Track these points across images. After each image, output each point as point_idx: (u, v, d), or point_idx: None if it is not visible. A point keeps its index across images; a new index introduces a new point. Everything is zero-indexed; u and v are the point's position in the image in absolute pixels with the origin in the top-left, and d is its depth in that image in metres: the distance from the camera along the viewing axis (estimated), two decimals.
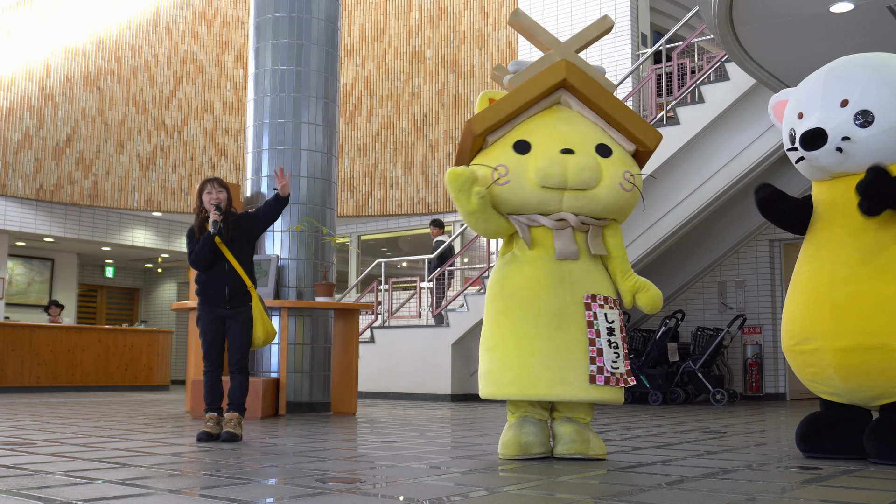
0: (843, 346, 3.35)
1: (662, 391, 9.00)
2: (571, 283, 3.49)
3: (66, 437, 4.55)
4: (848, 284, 3.38)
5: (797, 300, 3.57)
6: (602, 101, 3.61)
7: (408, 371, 10.02)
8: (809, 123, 3.49)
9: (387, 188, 13.64)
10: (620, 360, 3.45)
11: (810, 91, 3.63)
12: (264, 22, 7.44)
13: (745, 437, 4.74)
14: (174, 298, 18.52)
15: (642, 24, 11.57)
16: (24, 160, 13.18)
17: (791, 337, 3.58)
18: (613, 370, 3.41)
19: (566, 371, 3.38)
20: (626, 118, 3.60)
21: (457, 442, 4.39)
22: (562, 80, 3.60)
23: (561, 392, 3.38)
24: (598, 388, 3.39)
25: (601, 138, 3.58)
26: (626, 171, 3.52)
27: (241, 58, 14.37)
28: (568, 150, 3.47)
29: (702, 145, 8.89)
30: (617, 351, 3.45)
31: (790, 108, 3.72)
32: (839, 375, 3.40)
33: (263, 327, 4.71)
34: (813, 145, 3.44)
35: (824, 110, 3.49)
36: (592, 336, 3.42)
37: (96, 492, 2.60)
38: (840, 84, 3.51)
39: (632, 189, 3.52)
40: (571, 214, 3.50)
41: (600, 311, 3.47)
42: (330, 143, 7.48)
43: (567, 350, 3.40)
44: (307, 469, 3.18)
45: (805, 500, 2.45)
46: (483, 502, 2.42)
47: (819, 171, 3.57)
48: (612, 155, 3.54)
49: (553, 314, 3.43)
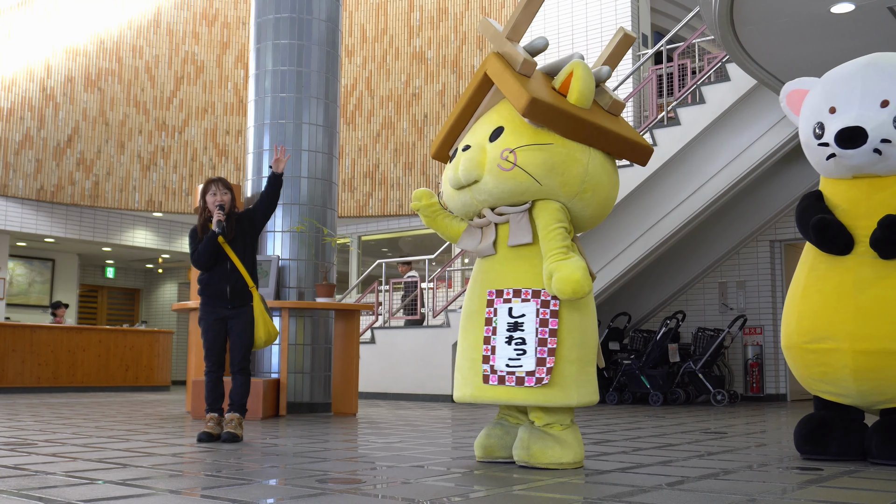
0: (864, 349, 3.32)
1: (663, 392, 8.99)
2: (483, 282, 3.39)
3: (67, 437, 4.55)
4: (873, 287, 3.34)
5: (814, 298, 3.49)
6: (496, 78, 3.35)
7: (408, 371, 10.02)
8: (846, 120, 3.38)
9: (387, 189, 13.64)
10: (528, 357, 3.16)
11: (846, 85, 3.48)
12: (265, 22, 7.45)
13: (745, 437, 4.73)
14: (175, 299, 18.52)
15: (643, 25, 11.57)
16: (24, 161, 13.18)
17: (803, 334, 3.51)
18: (512, 368, 3.18)
19: (468, 372, 3.33)
20: (507, 86, 3.28)
21: (457, 442, 4.39)
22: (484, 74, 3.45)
23: (463, 394, 3.34)
24: (492, 389, 3.22)
25: (503, 121, 3.35)
26: (505, 148, 3.25)
27: (242, 58, 14.37)
28: (467, 146, 3.39)
29: (703, 146, 8.88)
30: (522, 348, 3.19)
31: (817, 99, 3.57)
32: (854, 377, 3.36)
33: (265, 328, 4.71)
34: (852, 144, 3.34)
35: (863, 108, 3.38)
36: (488, 334, 3.28)
37: (97, 492, 2.60)
38: (881, 82, 3.40)
39: (510, 167, 3.22)
40: (488, 209, 3.39)
41: (503, 305, 3.27)
42: (331, 143, 7.48)
43: (471, 350, 3.34)
44: (308, 469, 3.18)
45: (806, 500, 2.45)
46: (483, 503, 2.42)
47: (847, 169, 3.46)
48: (500, 136, 3.30)
49: (466, 315, 3.43)
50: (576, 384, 3.19)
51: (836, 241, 3.43)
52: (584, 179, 3.29)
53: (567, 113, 3.23)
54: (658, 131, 8.93)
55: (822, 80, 3.66)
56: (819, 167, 3.62)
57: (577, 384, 3.20)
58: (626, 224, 9.13)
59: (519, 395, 3.19)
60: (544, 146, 3.23)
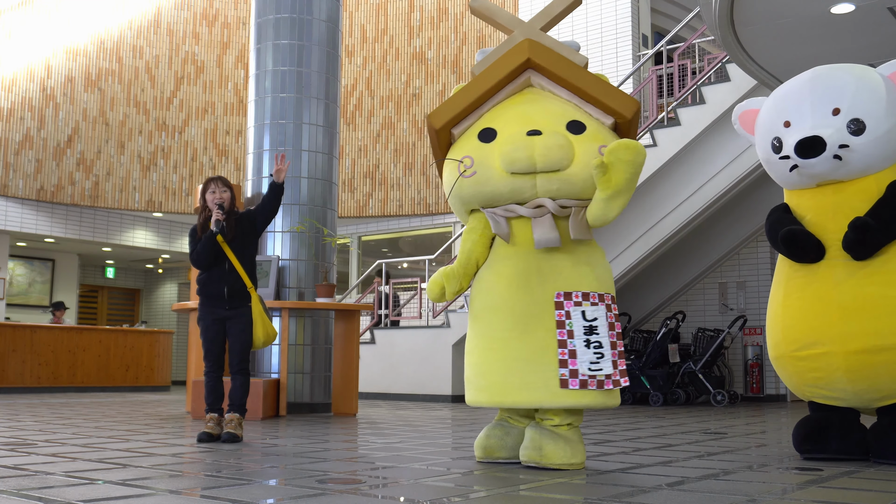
0: (854, 349, 3.34)
1: (663, 392, 8.99)
2: (542, 281, 3.25)
3: (67, 437, 4.55)
4: (853, 287, 3.38)
5: (796, 306, 3.54)
6: (571, 75, 3.38)
7: (408, 372, 10.02)
8: (803, 131, 3.47)
9: (387, 189, 13.64)
10: (606, 360, 3.16)
11: (796, 99, 3.58)
12: (265, 23, 7.45)
13: (745, 438, 4.73)
14: (175, 299, 18.52)
15: (643, 25, 11.57)
16: (24, 161, 13.18)
17: (791, 342, 3.54)
18: (594, 372, 3.15)
19: (531, 376, 3.17)
20: (599, 90, 3.35)
21: (457, 443, 4.38)
22: (526, 61, 3.39)
23: (527, 399, 3.19)
24: (571, 393, 3.13)
25: (574, 115, 3.34)
26: (602, 145, 3.24)
27: (242, 58, 14.38)
28: (535, 131, 3.25)
29: (703, 146, 8.88)
30: (600, 351, 3.17)
31: (771, 116, 3.67)
32: (848, 378, 3.39)
33: (264, 328, 4.71)
34: (812, 152, 3.41)
35: (816, 118, 3.47)
36: (563, 337, 3.17)
37: (97, 492, 2.60)
38: (828, 92, 3.49)
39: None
40: (549, 199, 3.26)
41: (575, 309, 3.20)
42: (331, 143, 7.48)
43: (533, 354, 3.19)
44: (308, 470, 3.18)
45: (805, 500, 2.45)
46: (483, 503, 2.42)
47: (809, 178, 3.54)
48: (585, 131, 3.29)
49: (518, 317, 3.24)
50: None
51: (806, 250, 3.50)
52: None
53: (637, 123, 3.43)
54: (658, 132, 8.93)
55: (771, 97, 3.76)
56: (781, 181, 3.69)
57: None
58: (627, 224, 9.13)
59: (605, 399, 3.20)
60: None
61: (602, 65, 11.27)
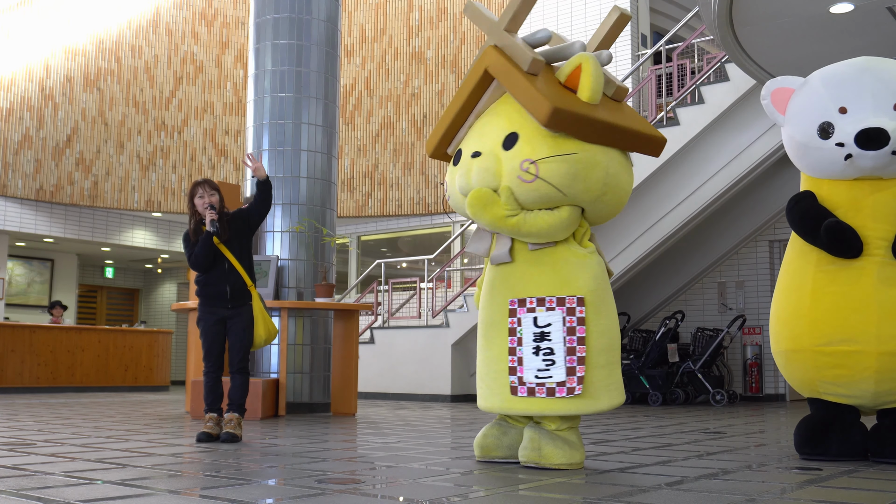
0: (888, 350, 3.32)
1: (662, 392, 8.99)
2: (502, 290, 3.32)
3: (66, 437, 4.55)
4: (893, 287, 3.34)
5: (827, 300, 3.44)
6: (504, 82, 3.24)
7: (407, 372, 10.02)
8: (865, 121, 3.37)
9: (387, 189, 13.64)
10: (558, 368, 3.13)
11: (854, 86, 3.47)
12: (264, 22, 7.44)
13: (744, 437, 4.73)
14: (174, 299, 18.51)
15: (642, 25, 11.57)
16: (23, 161, 13.18)
17: (818, 336, 3.45)
18: (542, 380, 3.15)
19: (494, 383, 3.29)
20: (518, 94, 3.18)
21: (456, 442, 4.38)
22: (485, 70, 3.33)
23: (490, 405, 3.33)
24: (521, 400, 3.19)
25: (514, 125, 3.23)
26: (524, 160, 3.14)
27: (241, 58, 14.37)
28: (477, 153, 3.27)
29: (702, 146, 8.89)
30: (550, 358, 3.15)
31: (821, 99, 3.53)
32: (876, 379, 3.35)
33: (265, 326, 4.72)
34: (875, 145, 3.33)
35: (878, 111, 3.39)
36: (513, 345, 3.23)
37: (96, 492, 2.60)
38: (888, 86, 3.42)
39: (532, 179, 3.12)
40: None
41: (527, 315, 3.22)
42: (330, 143, 7.48)
43: (494, 361, 3.30)
44: (307, 470, 3.18)
45: (805, 500, 2.45)
46: (482, 503, 2.42)
47: (858, 170, 3.44)
48: (515, 145, 3.19)
49: (486, 325, 3.38)
50: (605, 389, 3.19)
51: (852, 245, 3.41)
52: (606, 182, 3.22)
53: (588, 119, 3.14)
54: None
55: (818, 80, 3.62)
56: (818, 167, 3.56)
57: (607, 388, 3.20)
58: (626, 224, 9.14)
59: (550, 406, 3.16)
60: (567, 156, 3.14)
61: None
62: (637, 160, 8.92)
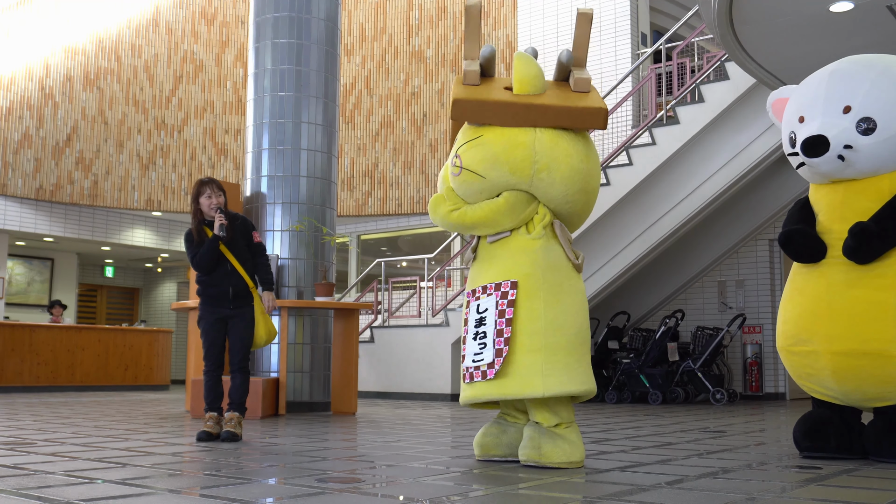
0: (838, 350, 3.36)
1: (662, 391, 9.00)
2: (470, 285, 3.44)
3: (66, 436, 4.55)
4: (846, 289, 3.37)
5: (795, 301, 3.57)
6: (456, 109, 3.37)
7: (407, 371, 10.02)
8: (811, 129, 3.45)
9: (386, 188, 13.64)
10: (488, 350, 3.16)
11: (812, 94, 3.55)
12: (264, 21, 7.44)
13: (744, 436, 4.74)
14: (174, 298, 18.52)
15: (642, 24, 11.57)
16: (23, 160, 13.17)
17: (787, 337, 3.58)
18: (476, 363, 3.19)
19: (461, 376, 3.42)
20: None
21: (456, 442, 4.39)
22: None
23: (461, 399, 3.38)
24: (469, 388, 3.26)
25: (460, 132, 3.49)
26: (453, 154, 3.38)
27: (241, 57, 14.36)
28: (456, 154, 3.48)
29: (701, 145, 8.89)
30: (484, 341, 3.18)
31: (791, 108, 3.66)
32: (834, 378, 3.41)
33: (265, 327, 4.74)
34: (815, 152, 3.39)
35: (826, 116, 3.44)
36: (464, 334, 3.32)
37: (96, 492, 2.60)
38: (843, 88, 3.45)
39: (459, 171, 3.29)
40: None
41: (473, 303, 3.31)
42: (330, 142, 7.48)
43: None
44: (307, 469, 3.18)
45: (805, 499, 2.45)
46: (482, 502, 2.42)
47: (819, 176, 3.55)
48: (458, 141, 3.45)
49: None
50: (540, 374, 3.12)
51: (801, 251, 3.50)
52: (534, 159, 3.21)
53: (491, 103, 3.23)
54: (657, 130, 8.93)
55: (795, 88, 3.72)
56: (802, 173, 3.68)
57: (543, 374, 3.12)
58: (626, 223, 9.13)
59: (484, 391, 3.19)
60: (475, 140, 3.27)
61: (601, 63, 11.27)
62: (637, 160, 8.93)
